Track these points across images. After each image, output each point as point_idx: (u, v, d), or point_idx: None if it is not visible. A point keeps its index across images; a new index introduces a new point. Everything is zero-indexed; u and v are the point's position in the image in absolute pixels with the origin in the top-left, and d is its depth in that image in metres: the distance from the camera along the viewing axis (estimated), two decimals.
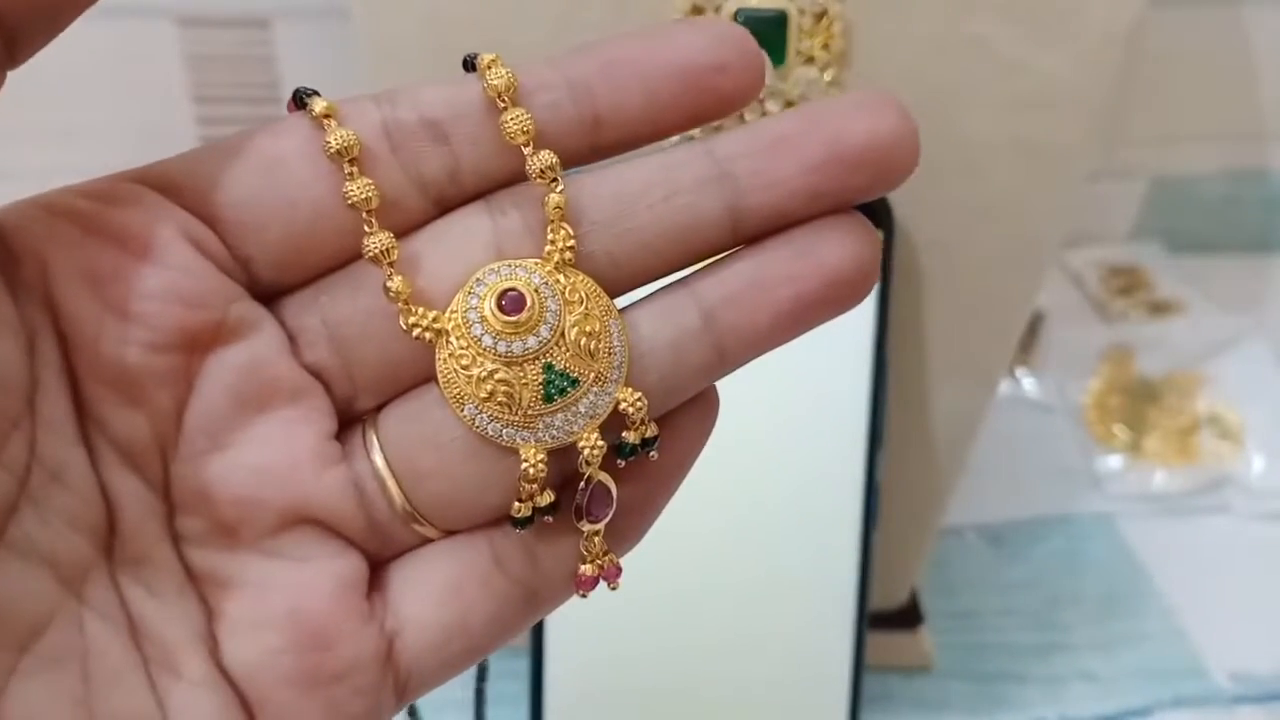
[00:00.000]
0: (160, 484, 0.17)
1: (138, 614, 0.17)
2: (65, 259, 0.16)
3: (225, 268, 0.17)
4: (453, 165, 0.17)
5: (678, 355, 0.18)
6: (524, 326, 0.17)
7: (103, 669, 0.16)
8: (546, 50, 0.29)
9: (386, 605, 0.18)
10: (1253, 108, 0.63)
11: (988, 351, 0.36)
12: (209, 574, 0.17)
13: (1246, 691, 0.43)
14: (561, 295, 0.17)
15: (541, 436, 0.17)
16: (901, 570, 0.41)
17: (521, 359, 0.17)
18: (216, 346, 0.17)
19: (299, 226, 0.17)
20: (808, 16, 0.30)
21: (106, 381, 0.16)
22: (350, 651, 0.17)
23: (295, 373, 0.17)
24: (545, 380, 0.17)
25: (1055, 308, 0.62)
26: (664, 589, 0.35)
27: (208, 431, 0.17)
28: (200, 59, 0.54)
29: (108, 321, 0.16)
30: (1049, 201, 0.33)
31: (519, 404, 0.17)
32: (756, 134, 0.17)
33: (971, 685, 0.43)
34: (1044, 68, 0.30)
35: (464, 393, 0.17)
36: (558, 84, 0.17)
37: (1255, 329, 0.60)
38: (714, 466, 0.34)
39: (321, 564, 0.17)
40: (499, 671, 0.42)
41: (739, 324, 0.17)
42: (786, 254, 0.17)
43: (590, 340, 0.17)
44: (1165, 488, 0.52)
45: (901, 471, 0.37)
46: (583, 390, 0.17)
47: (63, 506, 0.16)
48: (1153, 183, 0.66)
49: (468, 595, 0.18)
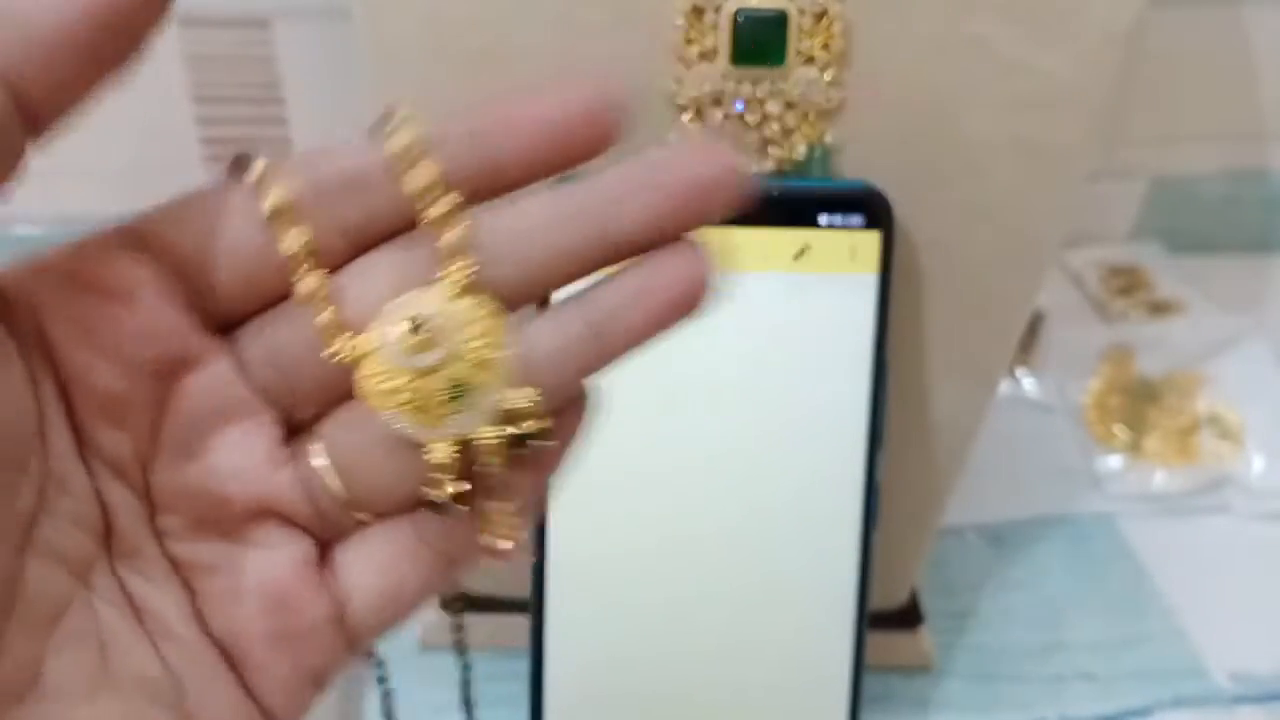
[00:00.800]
0: (143, 490, 0.20)
1: (136, 596, 0.20)
2: (57, 311, 0.19)
3: (186, 308, 0.20)
4: (370, 212, 0.20)
5: (566, 358, 0.21)
6: (427, 344, 0.20)
7: (114, 641, 0.19)
8: (547, 50, 0.30)
9: (336, 579, 0.22)
10: (1253, 108, 0.63)
11: (988, 351, 0.36)
12: (189, 562, 0.21)
13: (1246, 691, 0.43)
14: (459, 316, 0.20)
15: (447, 432, 0.21)
16: (901, 570, 0.42)
17: (427, 371, 0.20)
18: (182, 375, 0.20)
19: (243, 271, 0.20)
20: (808, 16, 0.30)
21: (96, 409, 0.20)
22: (309, 616, 0.21)
23: (246, 393, 0.21)
24: (450, 387, 0.20)
25: (1055, 308, 0.62)
26: (664, 589, 0.35)
27: (179, 444, 0.20)
28: (200, 59, 0.54)
29: (95, 360, 0.19)
30: (1049, 201, 0.33)
31: (428, 407, 0.20)
32: (622, 175, 0.21)
33: (971, 685, 0.43)
34: (1044, 67, 0.30)
35: (381, 401, 0.20)
36: (462, 135, 0.20)
37: (1255, 329, 0.60)
38: (715, 466, 0.34)
39: (281, 549, 0.21)
40: (499, 673, 0.42)
41: (619, 329, 0.21)
42: (656, 270, 0.21)
43: (485, 351, 0.20)
44: (1165, 488, 0.52)
45: (901, 471, 0.37)
46: (480, 393, 0.20)
47: (69, 512, 0.19)
48: (1153, 183, 0.66)
49: (400, 567, 0.22)
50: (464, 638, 0.39)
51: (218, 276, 0.20)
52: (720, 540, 0.35)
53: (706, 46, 0.30)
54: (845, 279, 0.32)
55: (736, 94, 0.31)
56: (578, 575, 0.35)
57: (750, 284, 0.32)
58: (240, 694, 0.21)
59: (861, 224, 0.32)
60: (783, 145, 0.31)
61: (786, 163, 0.32)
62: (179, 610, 0.21)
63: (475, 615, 0.42)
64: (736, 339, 0.33)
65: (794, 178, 0.32)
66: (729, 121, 0.31)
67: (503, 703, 0.41)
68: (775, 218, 0.32)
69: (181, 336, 0.20)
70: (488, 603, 0.42)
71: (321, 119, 0.56)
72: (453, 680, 0.42)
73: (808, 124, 0.31)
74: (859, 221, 0.32)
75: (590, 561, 0.35)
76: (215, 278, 0.20)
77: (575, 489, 0.34)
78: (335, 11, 0.51)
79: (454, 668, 0.43)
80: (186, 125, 0.55)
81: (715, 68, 0.30)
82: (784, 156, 0.31)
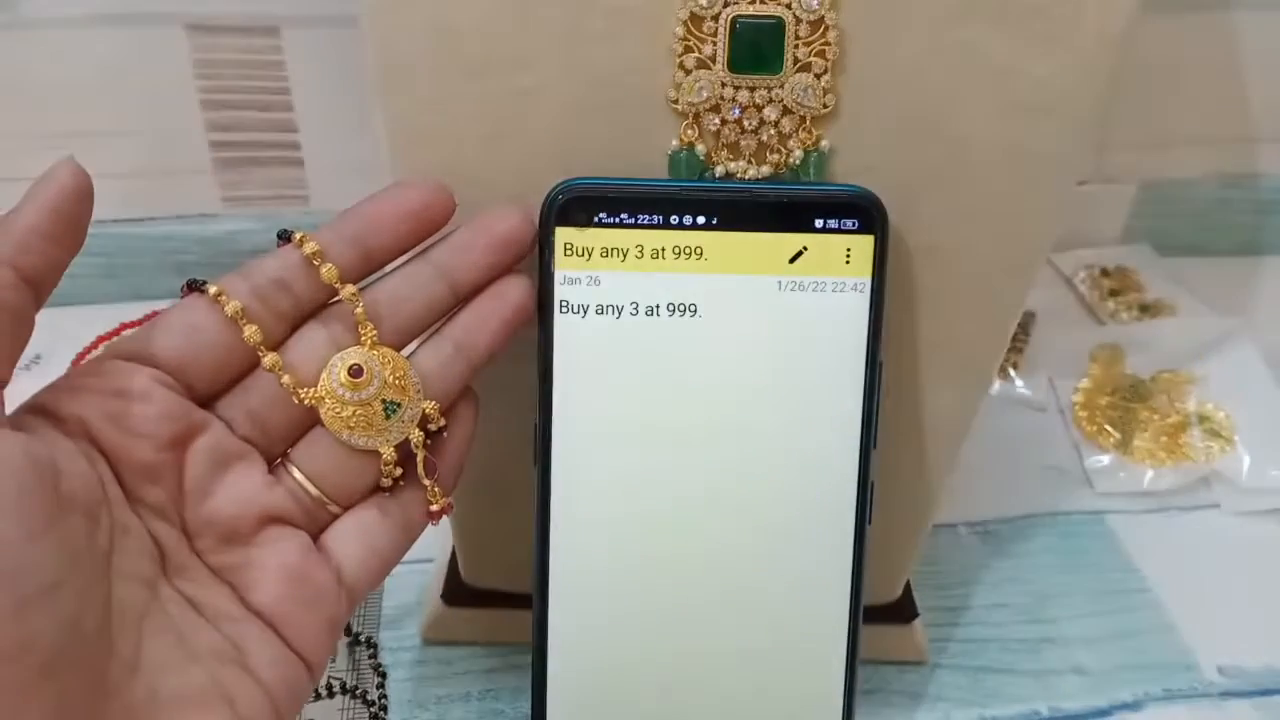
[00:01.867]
0: (180, 525, 0.29)
1: (191, 597, 0.28)
2: (94, 412, 0.27)
3: (181, 394, 0.29)
4: (294, 301, 0.30)
5: (445, 372, 0.31)
6: (364, 383, 0.30)
7: (185, 629, 0.27)
8: (549, 57, 0.30)
9: (329, 554, 0.31)
10: (1241, 112, 0.63)
11: (980, 352, 0.36)
12: (225, 566, 0.29)
13: (1236, 685, 0.44)
14: (377, 360, 0.30)
15: (389, 438, 0.31)
16: (896, 566, 0.42)
17: (367, 400, 0.30)
18: (191, 441, 0.29)
19: (218, 360, 0.29)
20: (804, 24, 0.30)
21: (137, 474, 0.28)
22: (319, 581, 0.30)
23: (237, 443, 0.29)
24: (384, 407, 0.30)
25: (1047, 308, 0.63)
26: (660, 585, 0.35)
27: (199, 489, 0.29)
28: (210, 65, 0.54)
29: (131, 440, 0.27)
30: (1042, 205, 0.33)
31: (372, 424, 0.30)
32: (454, 243, 0.31)
33: (964, 678, 0.43)
34: (1037, 74, 0.31)
35: (341, 427, 0.30)
36: (340, 241, 0.30)
37: (1244, 329, 0.60)
38: (712, 466, 0.34)
39: (287, 542, 0.30)
40: (500, 664, 0.43)
41: (475, 343, 0.32)
42: (490, 301, 0.32)
43: (400, 380, 0.30)
44: (1155, 485, 0.53)
45: (896, 469, 0.37)
46: (404, 408, 0.30)
47: (134, 546, 0.27)
48: (1143, 186, 0.66)
49: (372, 535, 0.31)
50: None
51: (199, 368, 0.29)
52: (718, 537, 0.35)
53: (705, 54, 0.30)
54: (840, 282, 0.33)
55: (734, 100, 0.31)
56: (579, 570, 0.35)
57: (747, 287, 0.33)
58: (283, 648, 0.29)
59: (856, 228, 0.32)
60: (779, 150, 0.32)
61: (783, 168, 0.32)
62: (227, 600, 0.29)
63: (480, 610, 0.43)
64: (733, 341, 0.33)
65: (790, 182, 0.32)
66: (727, 127, 0.31)
67: (504, 698, 0.42)
68: (772, 222, 0.32)
69: (186, 415, 0.28)
70: (492, 597, 0.42)
71: (330, 125, 0.56)
72: (454, 673, 0.43)
73: (804, 129, 0.31)
74: (854, 225, 0.32)
75: (590, 558, 0.35)
76: (198, 369, 0.29)
77: (575, 488, 0.34)
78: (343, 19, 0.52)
79: (455, 660, 0.43)
80: (197, 131, 0.56)
81: (713, 75, 0.31)
82: (781, 162, 0.32)
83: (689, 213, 0.32)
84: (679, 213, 0.32)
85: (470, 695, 0.42)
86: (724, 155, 0.32)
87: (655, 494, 0.34)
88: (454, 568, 0.43)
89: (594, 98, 0.31)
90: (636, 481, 0.34)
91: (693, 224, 0.32)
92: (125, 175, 0.56)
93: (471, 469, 0.33)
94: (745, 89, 0.31)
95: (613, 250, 0.32)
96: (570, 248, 0.32)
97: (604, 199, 0.32)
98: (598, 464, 0.34)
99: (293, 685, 0.29)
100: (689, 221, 0.32)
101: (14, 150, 0.52)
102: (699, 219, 0.32)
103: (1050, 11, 0.30)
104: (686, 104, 0.31)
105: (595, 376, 0.33)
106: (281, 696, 0.28)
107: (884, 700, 0.42)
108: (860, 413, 0.34)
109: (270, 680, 0.28)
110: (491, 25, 0.30)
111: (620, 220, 0.32)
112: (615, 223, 0.32)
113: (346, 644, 0.44)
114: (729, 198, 0.32)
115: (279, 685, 0.28)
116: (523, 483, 0.35)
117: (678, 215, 0.32)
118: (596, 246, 0.32)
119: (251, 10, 0.53)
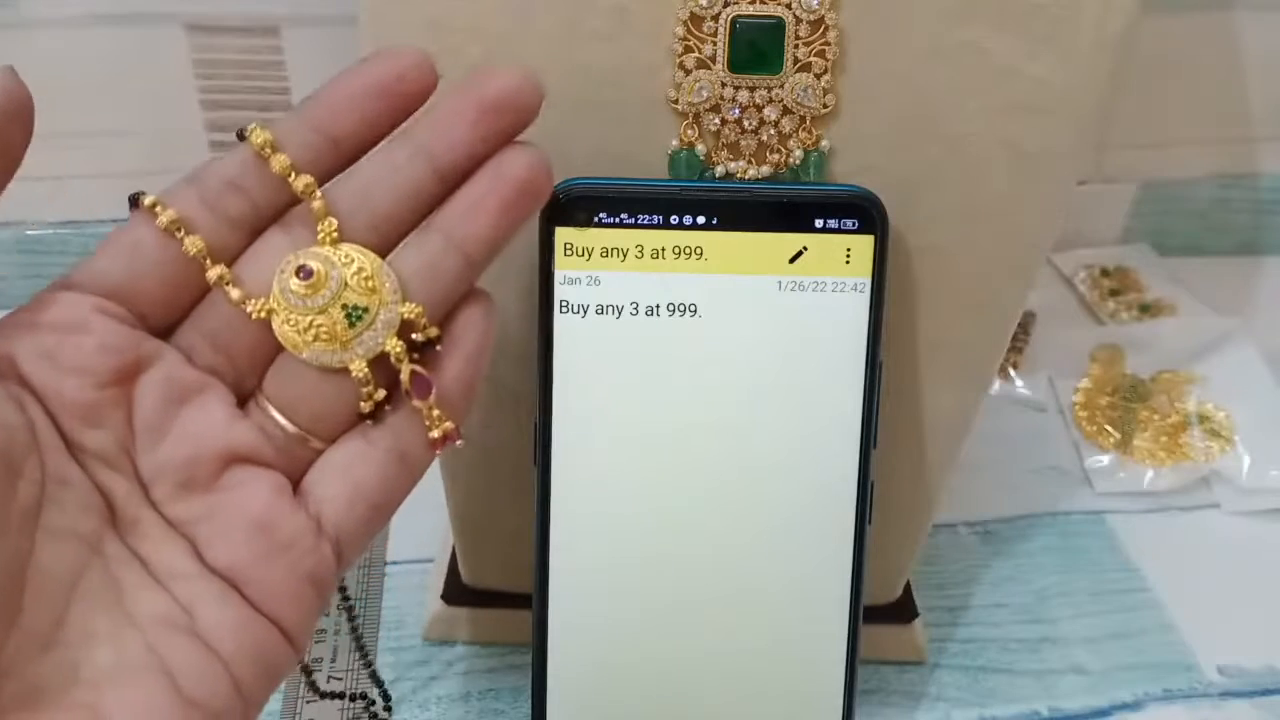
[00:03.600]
0: (132, 472, 0.25)
1: (145, 555, 0.24)
2: (25, 349, 0.24)
3: (129, 323, 0.25)
4: (249, 204, 0.25)
5: (435, 271, 0.26)
6: (318, 285, 0.25)
7: (130, 590, 0.24)
8: (548, 57, 0.30)
9: (308, 498, 0.26)
10: (1241, 112, 0.63)
11: (980, 352, 0.36)
12: (183, 518, 0.25)
13: (1236, 685, 0.44)
14: (338, 259, 0.25)
15: (358, 352, 0.25)
16: (895, 566, 0.42)
17: (325, 307, 0.25)
18: (139, 374, 0.25)
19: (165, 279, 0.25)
20: (804, 24, 0.30)
21: (76, 416, 0.24)
22: (289, 529, 0.25)
23: (195, 374, 0.25)
24: (346, 315, 0.25)
25: (1047, 308, 0.63)
26: (662, 584, 0.35)
27: (151, 429, 0.25)
28: (210, 64, 0.54)
29: (65, 378, 0.24)
30: (1042, 206, 0.33)
31: (335, 336, 0.25)
32: (434, 116, 0.25)
33: (964, 678, 0.43)
34: (1037, 74, 0.31)
35: (298, 342, 0.25)
36: (303, 128, 0.25)
37: (1244, 329, 0.60)
38: (712, 465, 0.35)
39: (252, 484, 0.25)
40: (500, 664, 0.43)
41: (469, 233, 0.26)
42: (484, 179, 0.25)
43: (368, 281, 0.25)
44: (1155, 485, 0.53)
45: (896, 469, 0.37)
46: (374, 314, 0.25)
47: (73, 499, 0.23)
48: (1143, 186, 0.66)
49: (357, 472, 0.26)
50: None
51: (146, 291, 0.25)
52: (718, 537, 0.35)
53: (705, 54, 0.30)
54: (840, 282, 0.33)
55: (734, 100, 0.31)
56: (579, 570, 0.35)
57: (748, 286, 0.33)
58: (248, 611, 0.25)
59: (856, 228, 0.32)
60: (779, 150, 0.32)
61: (783, 167, 0.32)
62: (183, 559, 0.24)
63: (480, 610, 0.43)
64: (733, 341, 0.33)
65: (790, 182, 0.32)
66: (727, 127, 0.32)
67: (504, 697, 0.42)
68: (772, 222, 0.32)
69: (133, 346, 0.24)
70: (492, 597, 0.42)
71: None
72: (454, 673, 0.43)
73: (804, 130, 0.31)
74: (854, 225, 0.32)
75: (590, 558, 0.35)
76: (145, 292, 0.25)
77: (575, 487, 0.35)
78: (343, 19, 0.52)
79: (455, 660, 0.43)
80: (196, 130, 0.56)
81: (713, 75, 0.31)
82: (781, 161, 0.32)
83: (689, 213, 0.32)
84: (679, 213, 0.32)
85: (470, 695, 0.42)
86: (724, 155, 0.32)
87: (655, 494, 0.34)
88: (454, 568, 0.43)
89: (594, 98, 0.31)
90: (636, 481, 0.34)
91: (693, 224, 0.32)
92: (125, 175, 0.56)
93: (472, 468, 0.33)
94: (745, 89, 0.31)
95: (613, 250, 0.32)
96: (570, 248, 0.32)
97: (604, 199, 0.32)
98: (598, 464, 0.34)
99: (261, 654, 0.25)
100: (689, 221, 0.32)
101: None
102: (699, 219, 0.32)
103: (1050, 11, 0.30)
104: (686, 104, 0.31)
105: (595, 376, 0.33)
106: (243, 668, 0.24)
107: (884, 700, 0.42)
108: (860, 413, 0.34)
109: (229, 649, 0.24)
110: (491, 25, 0.30)
111: (620, 220, 0.32)
112: (615, 223, 0.32)
113: (351, 639, 0.44)
114: (729, 198, 0.32)
115: (240, 654, 0.24)
116: (523, 483, 0.35)
117: (678, 215, 0.32)
118: (596, 246, 0.32)
119: (251, 10, 0.53)
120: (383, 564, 0.47)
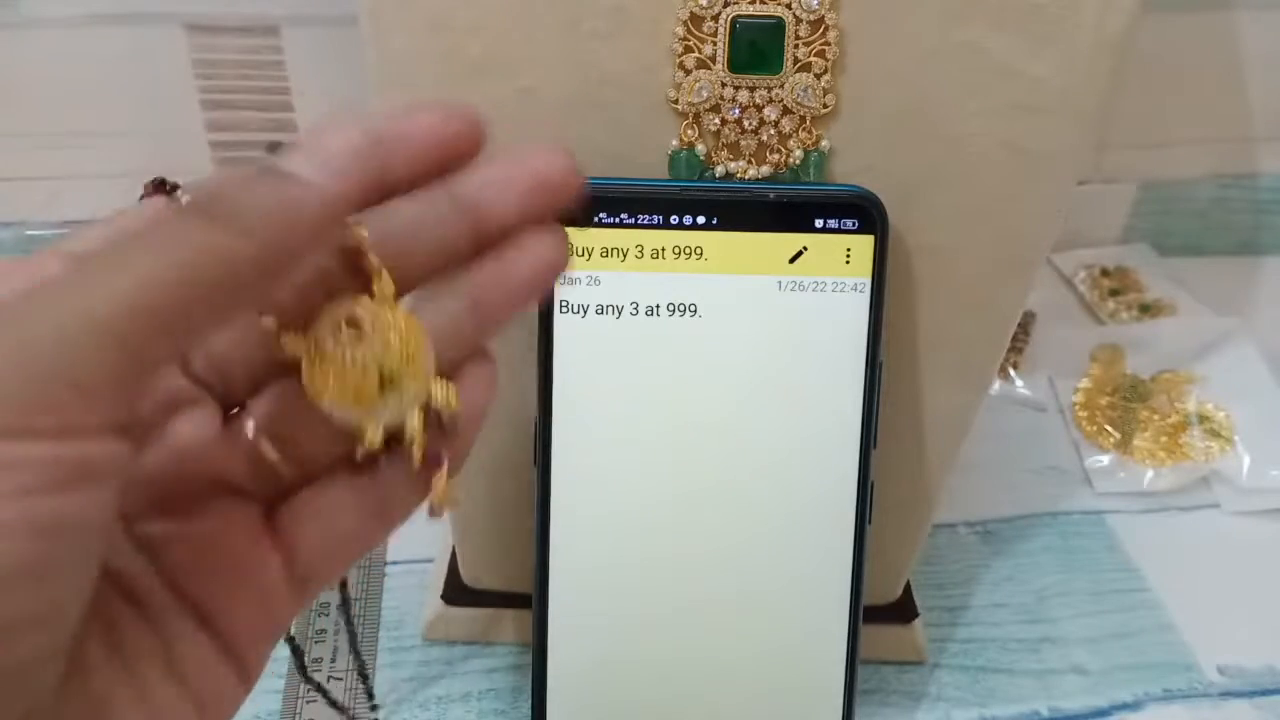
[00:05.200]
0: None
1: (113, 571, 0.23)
2: None
3: None
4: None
5: (456, 335, 0.24)
6: (364, 341, 0.23)
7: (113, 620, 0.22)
8: (549, 57, 0.30)
9: (283, 533, 0.24)
10: (1241, 112, 0.64)
11: (980, 352, 0.36)
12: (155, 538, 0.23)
13: (1235, 685, 0.44)
14: (384, 318, 0.23)
15: (379, 417, 0.23)
16: (895, 566, 0.42)
17: (363, 364, 0.23)
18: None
19: None
20: (804, 24, 0.30)
21: None
22: (261, 574, 0.24)
23: (187, 385, 0.24)
24: (380, 378, 0.23)
25: (1047, 308, 0.63)
26: (663, 585, 0.35)
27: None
28: (210, 64, 0.54)
29: None
30: (1041, 206, 0.33)
31: (363, 396, 0.23)
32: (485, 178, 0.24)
33: (964, 678, 0.43)
34: (1036, 74, 0.31)
35: (320, 389, 0.23)
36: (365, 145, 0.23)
37: (1243, 329, 0.60)
38: (713, 465, 0.35)
39: (227, 512, 0.24)
40: (500, 664, 0.43)
41: (498, 303, 0.25)
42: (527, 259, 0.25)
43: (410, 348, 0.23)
44: (1155, 485, 0.53)
45: (895, 469, 0.37)
46: (407, 386, 0.23)
47: None
48: (1142, 186, 0.66)
49: (338, 519, 0.25)
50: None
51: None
52: (718, 537, 0.35)
53: (705, 54, 0.31)
54: (840, 281, 0.33)
55: (734, 100, 0.31)
56: (579, 570, 0.35)
57: (748, 286, 0.33)
58: (218, 646, 0.24)
59: (856, 228, 0.32)
60: (779, 150, 0.32)
61: (783, 168, 0.32)
62: (151, 580, 0.23)
63: (480, 610, 0.43)
64: (733, 341, 0.33)
65: (790, 182, 0.32)
66: (727, 127, 0.32)
67: (504, 696, 0.42)
68: (772, 222, 0.32)
69: None
70: (492, 597, 0.42)
71: None
72: (454, 673, 0.43)
73: (804, 129, 0.31)
74: (854, 225, 0.32)
75: (590, 558, 0.35)
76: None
77: (575, 487, 0.35)
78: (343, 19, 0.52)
79: (455, 660, 0.43)
80: (196, 130, 0.56)
81: (713, 75, 0.31)
82: (781, 161, 0.32)
83: (689, 213, 0.32)
84: (679, 213, 0.32)
85: (470, 695, 0.42)
86: (724, 155, 0.32)
87: (655, 494, 0.35)
88: (454, 568, 0.43)
89: (594, 98, 0.31)
90: (636, 481, 0.34)
91: (693, 224, 0.32)
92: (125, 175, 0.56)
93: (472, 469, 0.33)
94: (745, 89, 0.31)
95: (613, 250, 0.32)
96: (570, 248, 0.32)
97: (604, 199, 0.32)
98: (598, 464, 0.34)
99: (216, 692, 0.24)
100: (689, 221, 0.32)
101: (14, 150, 0.52)
102: (699, 219, 0.32)
103: (1050, 11, 0.30)
104: (686, 104, 0.31)
105: (595, 376, 0.33)
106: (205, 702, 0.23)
107: (884, 700, 0.42)
108: (860, 413, 0.34)
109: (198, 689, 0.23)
110: (491, 25, 0.30)
111: (620, 220, 0.32)
112: (615, 223, 0.32)
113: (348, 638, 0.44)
114: (729, 198, 0.32)
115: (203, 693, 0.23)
116: (523, 483, 0.35)
117: (678, 215, 0.32)
118: (596, 246, 0.32)
119: (251, 10, 0.53)
120: (383, 564, 0.47)
